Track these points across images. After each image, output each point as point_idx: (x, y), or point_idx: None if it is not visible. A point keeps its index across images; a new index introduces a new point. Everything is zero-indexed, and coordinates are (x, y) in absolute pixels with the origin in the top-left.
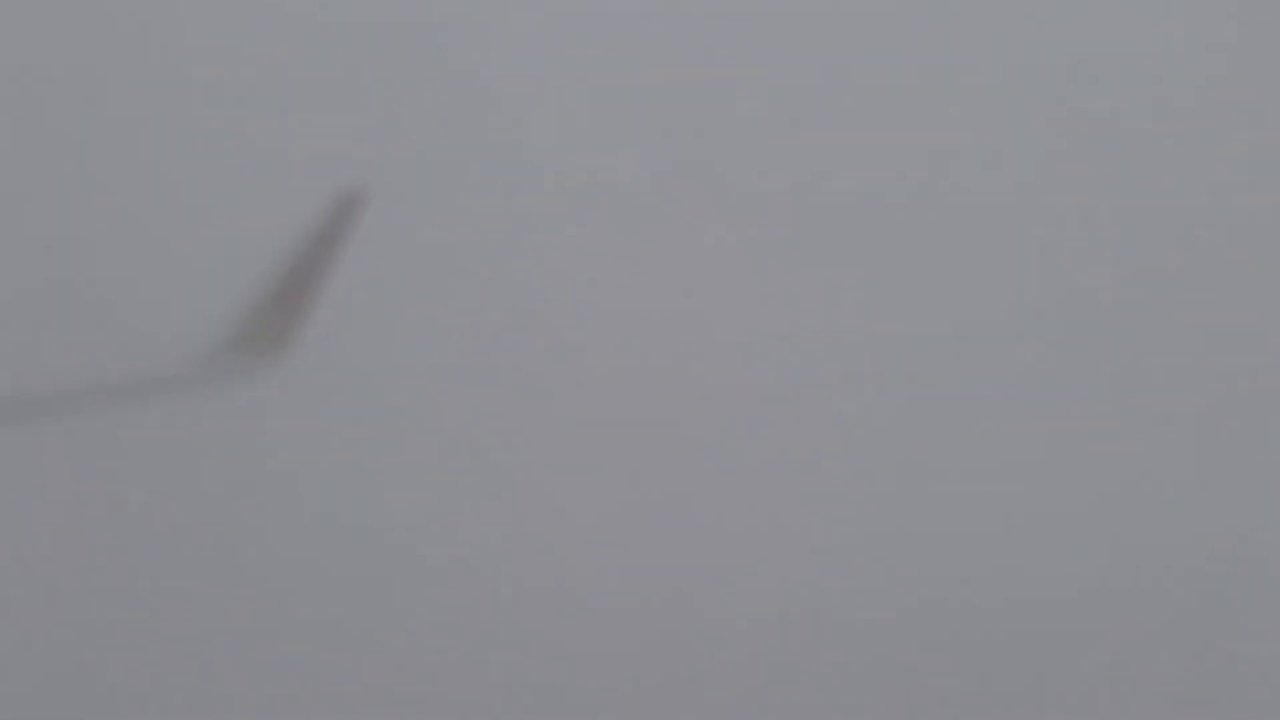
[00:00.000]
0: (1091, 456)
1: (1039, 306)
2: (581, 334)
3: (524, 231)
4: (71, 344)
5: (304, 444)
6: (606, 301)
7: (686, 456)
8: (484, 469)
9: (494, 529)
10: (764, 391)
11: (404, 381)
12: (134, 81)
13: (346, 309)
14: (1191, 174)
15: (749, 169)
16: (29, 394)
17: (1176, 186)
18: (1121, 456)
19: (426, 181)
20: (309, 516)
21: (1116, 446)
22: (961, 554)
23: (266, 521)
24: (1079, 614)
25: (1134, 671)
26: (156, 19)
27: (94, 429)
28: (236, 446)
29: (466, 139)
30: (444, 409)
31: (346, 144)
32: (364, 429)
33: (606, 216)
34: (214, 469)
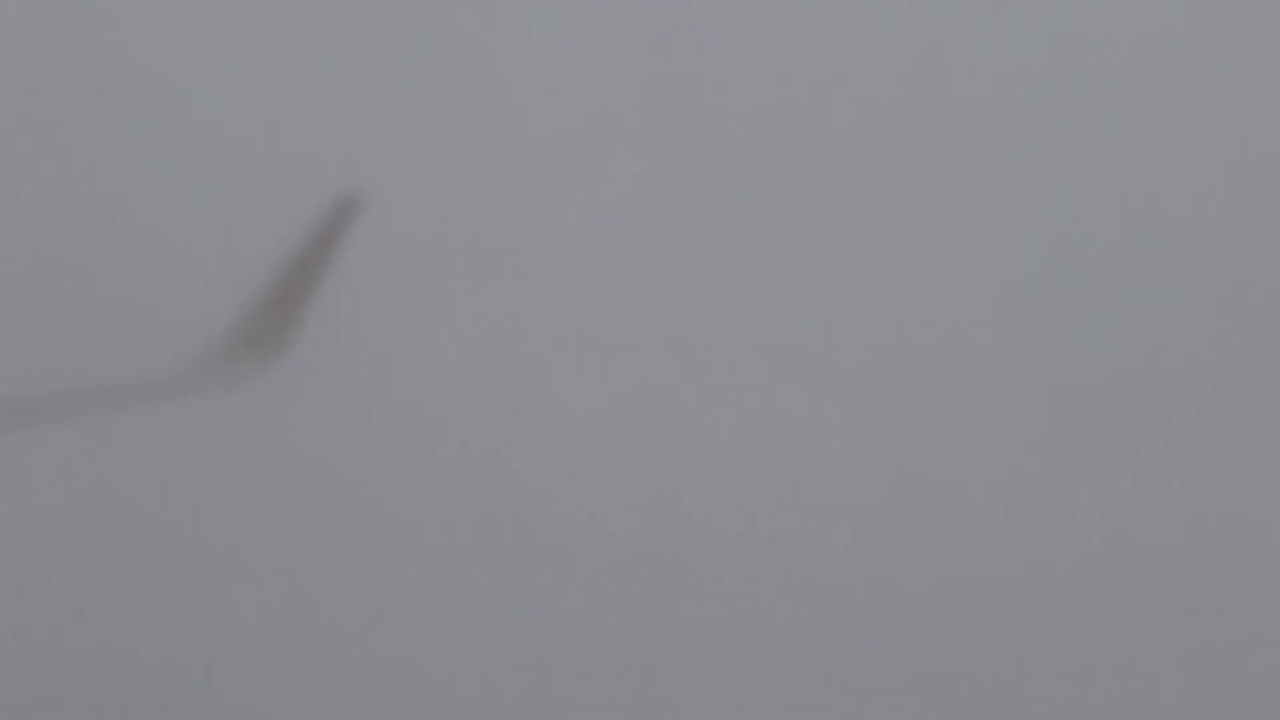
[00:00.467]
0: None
1: (1037, 306)
2: (581, 337)
3: (523, 235)
4: (65, 346)
5: (301, 448)
6: (606, 305)
7: (685, 455)
8: (483, 472)
9: (492, 532)
10: (763, 391)
11: (402, 385)
12: (129, 82)
13: (344, 313)
14: (1191, 176)
15: (750, 171)
16: (22, 397)
17: (1176, 188)
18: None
19: (425, 185)
20: (306, 521)
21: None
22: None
23: (263, 526)
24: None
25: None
26: (150, 19)
27: (88, 432)
28: (232, 451)
29: (465, 142)
30: (442, 413)
31: (344, 147)
32: (361, 433)
33: (606, 219)
34: (209, 473)
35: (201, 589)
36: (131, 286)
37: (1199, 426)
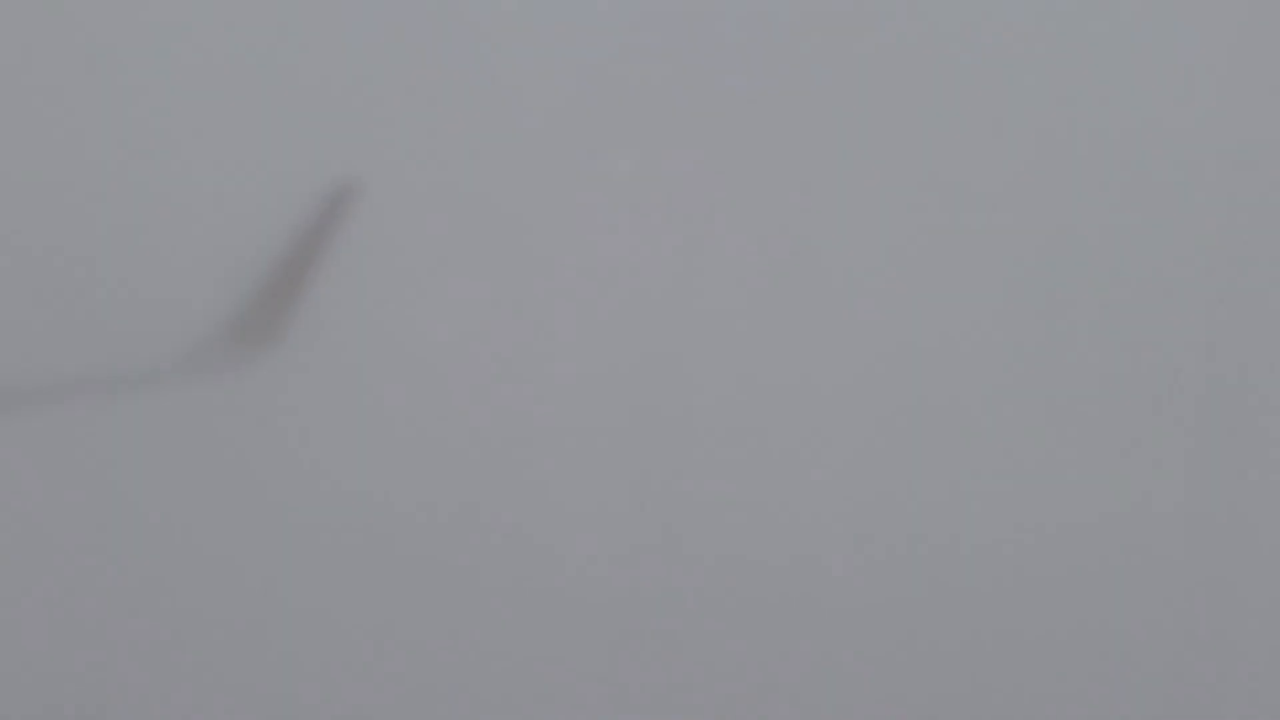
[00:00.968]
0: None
1: (1035, 306)
2: (575, 327)
3: (515, 226)
4: (62, 337)
5: (296, 437)
6: (600, 295)
7: (681, 450)
8: (478, 461)
9: (489, 521)
10: (760, 388)
11: (396, 374)
12: (126, 77)
13: (339, 302)
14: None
15: (747, 167)
16: (20, 387)
17: (1173, 190)
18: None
19: (418, 175)
20: (303, 508)
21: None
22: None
23: (260, 514)
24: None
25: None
26: (146, 17)
27: (85, 422)
28: (228, 439)
29: (459, 132)
30: (437, 402)
31: (338, 137)
32: (356, 422)
33: (601, 211)
34: (206, 462)
35: (194, 575)
36: (126, 277)
37: (1198, 432)
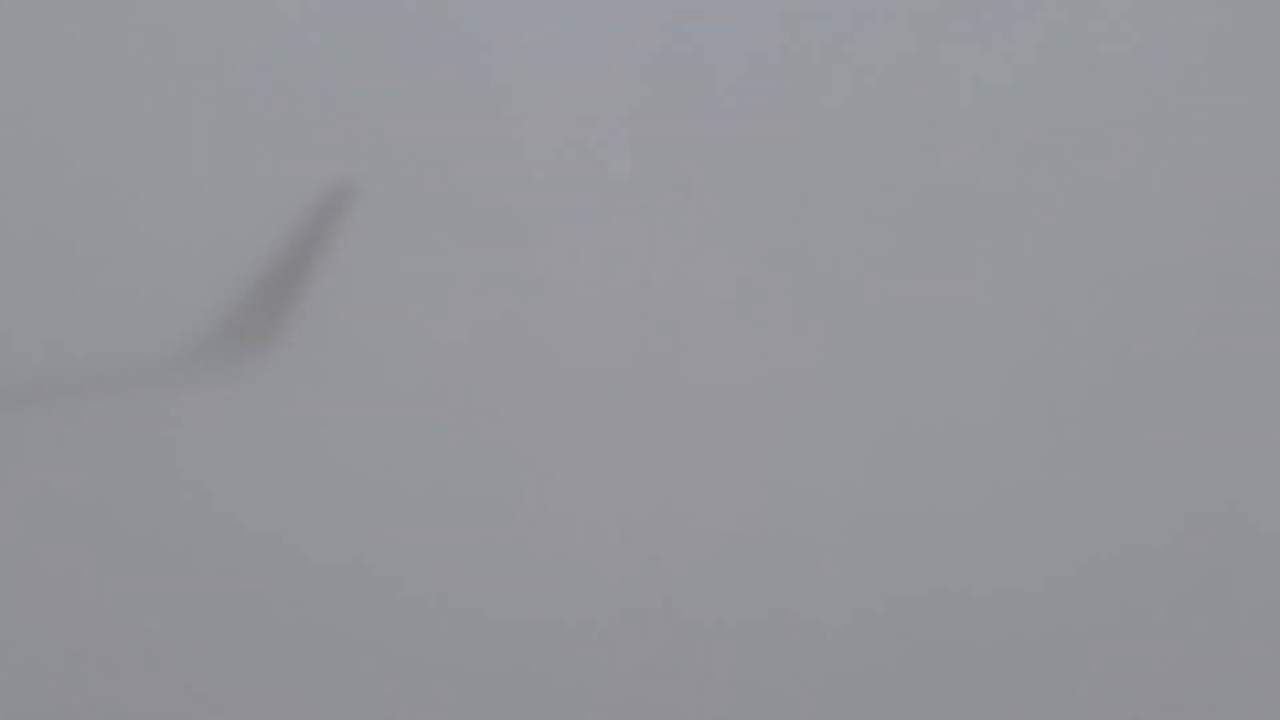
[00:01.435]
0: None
1: (1032, 306)
2: (570, 330)
3: (512, 227)
4: (56, 338)
5: (290, 439)
6: (596, 298)
7: (678, 454)
8: (473, 464)
9: (483, 524)
10: (756, 390)
11: (391, 377)
12: (123, 78)
13: (334, 304)
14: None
15: (743, 166)
16: (15, 386)
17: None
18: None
19: (414, 176)
20: (295, 511)
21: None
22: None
23: (252, 516)
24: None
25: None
26: (142, 19)
27: (79, 423)
28: (222, 442)
29: (455, 134)
30: (431, 404)
31: (334, 139)
32: (351, 424)
33: (597, 213)
34: (200, 464)
35: (189, 576)
36: (122, 278)
37: (1198, 435)
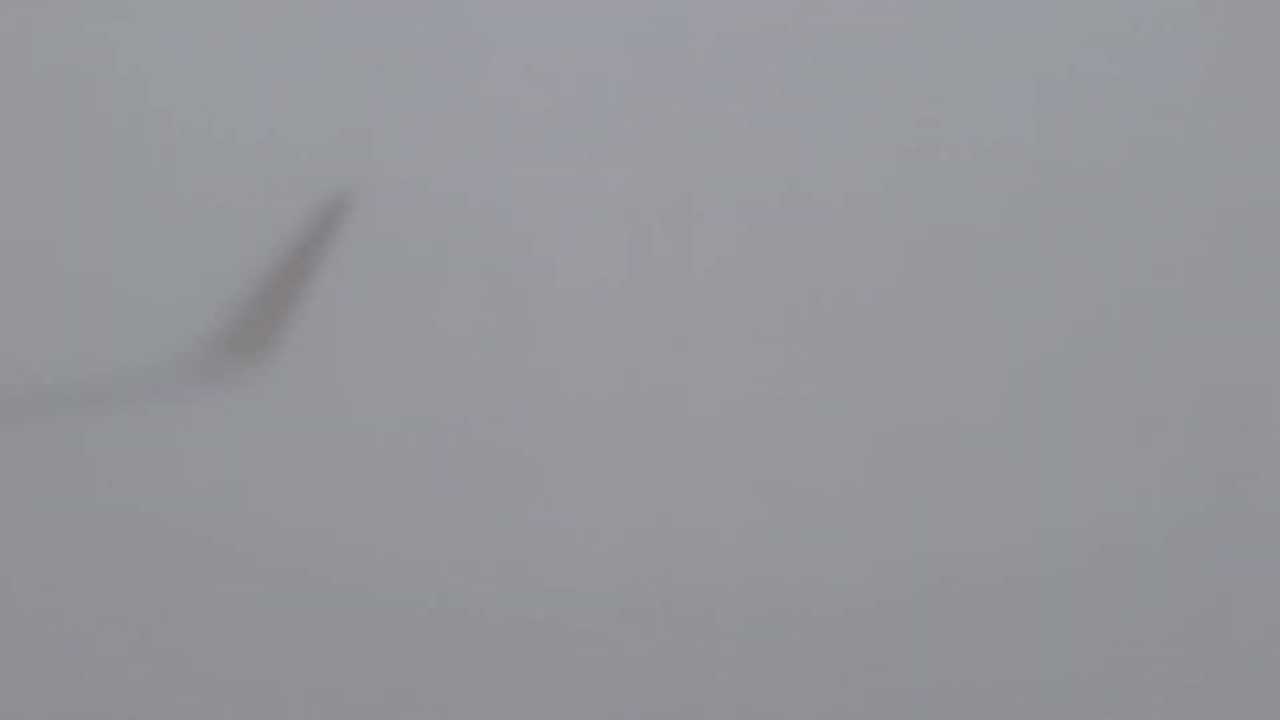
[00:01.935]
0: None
1: (1031, 307)
2: (567, 338)
3: (510, 236)
4: (56, 346)
5: (288, 447)
6: (592, 306)
7: (675, 458)
8: (469, 473)
9: (480, 533)
10: (751, 396)
11: (388, 386)
12: (120, 90)
13: (331, 314)
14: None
15: (737, 178)
16: (12, 395)
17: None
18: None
19: (411, 187)
20: (293, 519)
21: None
22: (947, 545)
23: (250, 524)
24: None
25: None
26: (141, 24)
27: (79, 431)
28: (221, 450)
29: (451, 145)
30: (428, 413)
31: (332, 150)
32: (348, 433)
33: (592, 223)
34: (198, 472)
35: (185, 584)
36: (121, 287)
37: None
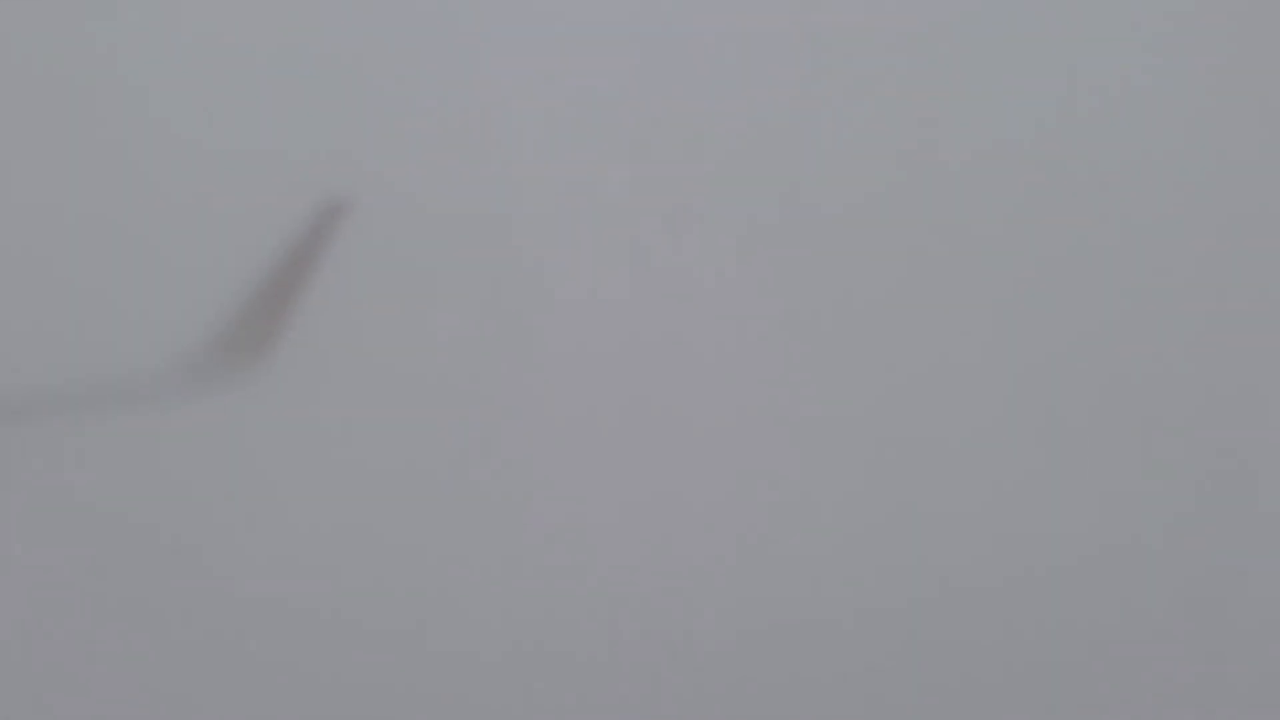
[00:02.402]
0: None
1: (1030, 308)
2: (564, 343)
3: (506, 240)
4: (51, 348)
5: (285, 451)
6: (590, 311)
7: (672, 462)
8: (466, 476)
9: (477, 536)
10: (749, 400)
11: (386, 389)
12: (117, 92)
13: (329, 316)
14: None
15: (737, 180)
16: (10, 397)
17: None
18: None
19: (409, 189)
20: (291, 523)
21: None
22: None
23: (247, 528)
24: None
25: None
26: (139, 27)
27: (74, 434)
28: (218, 453)
29: (449, 148)
30: (426, 416)
31: (329, 152)
32: (346, 436)
33: (591, 226)
34: (195, 474)
35: (183, 586)
36: (118, 289)
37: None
